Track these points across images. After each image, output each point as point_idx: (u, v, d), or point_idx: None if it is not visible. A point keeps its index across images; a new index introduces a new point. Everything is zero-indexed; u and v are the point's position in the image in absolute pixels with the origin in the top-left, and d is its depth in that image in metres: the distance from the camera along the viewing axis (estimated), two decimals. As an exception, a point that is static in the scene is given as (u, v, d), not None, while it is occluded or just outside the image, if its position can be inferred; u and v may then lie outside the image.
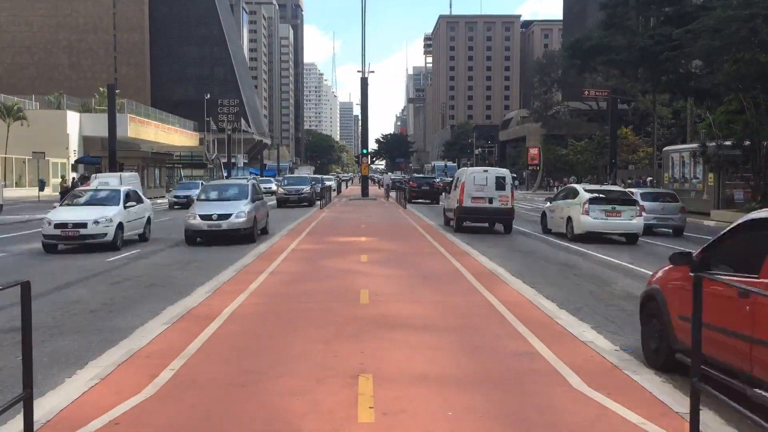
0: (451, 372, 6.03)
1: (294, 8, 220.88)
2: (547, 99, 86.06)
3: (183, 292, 10.24)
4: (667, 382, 5.87)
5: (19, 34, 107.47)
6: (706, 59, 31.10)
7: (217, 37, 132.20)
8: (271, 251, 15.23)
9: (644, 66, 37.52)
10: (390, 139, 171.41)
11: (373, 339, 7.18)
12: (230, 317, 8.25)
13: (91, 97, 71.63)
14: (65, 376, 6.04)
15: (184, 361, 6.31)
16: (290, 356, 6.50)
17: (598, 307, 9.63)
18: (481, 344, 7.07)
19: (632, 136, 62.31)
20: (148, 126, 67.44)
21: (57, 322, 8.53)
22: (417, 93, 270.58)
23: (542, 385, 5.66)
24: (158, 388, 5.50)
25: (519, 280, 11.34)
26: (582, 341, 7.17)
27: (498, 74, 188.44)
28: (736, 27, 24.60)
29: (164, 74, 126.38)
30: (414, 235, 19.63)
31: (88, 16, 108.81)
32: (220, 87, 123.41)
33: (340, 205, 37.47)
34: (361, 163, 51.19)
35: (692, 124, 42.47)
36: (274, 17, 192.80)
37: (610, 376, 5.92)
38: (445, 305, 9.15)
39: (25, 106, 57.41)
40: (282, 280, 11.18)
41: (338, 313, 8.48)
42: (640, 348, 6.90)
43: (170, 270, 13.20)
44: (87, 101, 69.39)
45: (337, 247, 16.40)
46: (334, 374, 5.88)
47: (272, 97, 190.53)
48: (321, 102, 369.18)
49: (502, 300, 9.40)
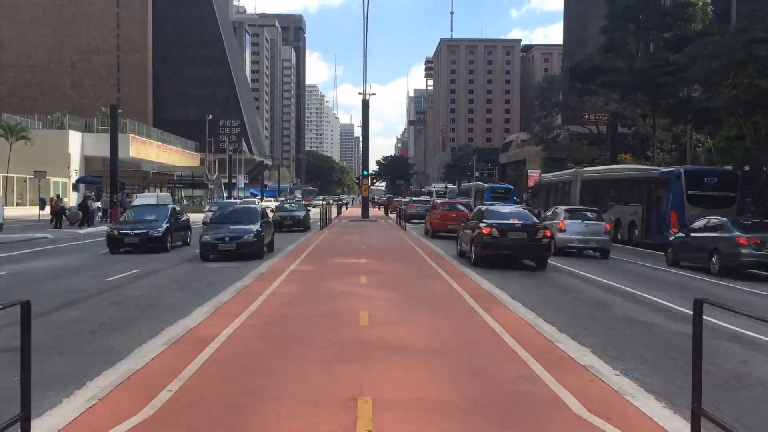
0: (451, 396, 6.00)
1: (296, 31, 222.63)
2: (548, 122, 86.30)
3: (182, 313, 10.21)
4: (667, 407, 5.85)
5: (22, 54, 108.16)
6: (704, 83, 31.34)
7: (220, 58, 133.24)
8: (270, 272, 15.22)
9: (644, 90, 37.80)
10: (391, 161, 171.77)
11: (372, 361, 7.15)
12: (229, 339, 8.23)
13: (93, 116, 71.93)
14: (63, 397, 6.00)
15: (182, 382, 6.28)
16: (289, 378, 6.48)
17: (597, 330, 9.61)
18: (481, 367, 7.05)
19: (632, 160, 62.41)
20: (150, 146, 67.63)
21: (56, 342, 8.50)
22: (418, 115, 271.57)
23: (542, 410, 5.64)
24: (156, 410, 5.47)
25: (518, 303, 11.31)
26: (581, 365, 7.15)
27: (498, 97, 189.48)
28: (734, 51, 24.83)
29: (166, 95, 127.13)
30: (413, 257, 19.62)
31: (92, 37, 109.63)
32: (221, 108, 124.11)
33: (341, 227, 37.49)
34: (361, 184, 51.33)
35: (692, 148, 42.64)
36: (276, 39, 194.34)
37: (610, 401, 5.89)
38: (444, 328, 9.12)
39: (28, 125, 57.63)
40: (281, 302, 11.16)
41: (337, 335, 8.46)
42: (642, 374, 6.86)
43: (170, 290, 13.18)
44: (89, 121, 69.66)
45: (337, 268, 16.39)
46: (332, 397, 5.85)
47: (273, 118, 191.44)
48: (322, 123, 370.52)
49: (501, 322, 9.38)
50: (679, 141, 51.97)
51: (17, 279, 14.80)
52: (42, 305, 10.89)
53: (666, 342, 9.09)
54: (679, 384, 6.69)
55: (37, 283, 13.94)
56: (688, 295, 12.44)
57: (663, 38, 38.74)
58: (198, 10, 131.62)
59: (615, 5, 39.82)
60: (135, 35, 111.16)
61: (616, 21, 39.82)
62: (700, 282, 15.99)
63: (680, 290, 14.15)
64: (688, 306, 9.94)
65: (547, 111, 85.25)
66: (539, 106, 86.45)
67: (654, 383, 6.81)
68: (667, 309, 11.74)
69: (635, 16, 39.00)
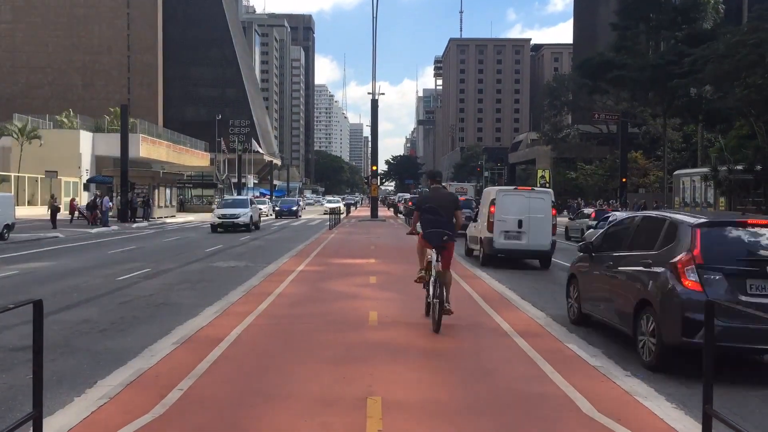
0: (460, 395, 5.99)
1: (305, 30, 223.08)
2: (557, 122, 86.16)
3: (192, 313, 10.25)
4: (678, 408, 5.82)
5: (34, 55, 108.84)
6: (715, 83, 31.17)
7: (230, 58, 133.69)
8: (279, 272, 15.25)
9: (655, 89, 37.64)
10: (400, 160, 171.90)
11: (382, 361, 7.15)
12: (239, 338, 8.25)
13: (104, 117, 72.34)
14: (74, 395, 6.04)
15: (192, 381, 6.30)
16: (299, 378, 6.49)
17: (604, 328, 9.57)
18: (490, 368, 7.04)
19: (642, 160, 62.20)
20: (160, 146, 67.96)
21: (67, 341, 8.55)
22: (427, 115, 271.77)
23: (552, 410, 5.62)
24: (166, 408, 5.49)
25: (528, 303, 11.28)
26: (591, 365, 7.12)
27: (508, 97, 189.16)
28: (745, 52, 24.69)
29: (176, 95, 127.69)
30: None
31: (103, 38, 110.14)
32: (231, 108, 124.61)
33: (350, 226, 37.51)
34: (370, 184, 51.36)
35: (703, 148, 42.44)
36: (286, 39, 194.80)
37: (620, 402, 5.87)
38: (454, 328, 9.11)
39: (39, 126, 57.99)
40: (290, 302, 11.18)
41: (346, 335, 8.46)
42: (649, 374, 6.85)
43: (179, 290, 13.23)
44: (100, 121, 70.07)
45: (346, 268, 16.39)
46: (342, 397, 5.85)
47: (283, 118, 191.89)
48: (331, 123, 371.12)
49: (510, 322, 9.37)
50: (690, 140, 51.75)
51: (28, 278, 14.91)
52: (53, 304, 10.96)
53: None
54: (690, 385, 6.66)
55: (48, 283, 14.03)
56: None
57: (674, 36, 38.54)
58: (208, 11, 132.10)
59: (626, 2, 39.67)
60: (145, 36, 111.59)
61: (627, 19, 39.67)
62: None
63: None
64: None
65: (557, 110, 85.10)
66: (549, 105, 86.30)
67: (665, 384, 6.78)
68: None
69: (646, 14, 38.82)
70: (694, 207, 33.40)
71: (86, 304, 11.40)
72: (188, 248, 23.17)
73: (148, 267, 16.95)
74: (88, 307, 11.10)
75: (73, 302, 11.54)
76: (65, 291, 12.79)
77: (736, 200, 30.50)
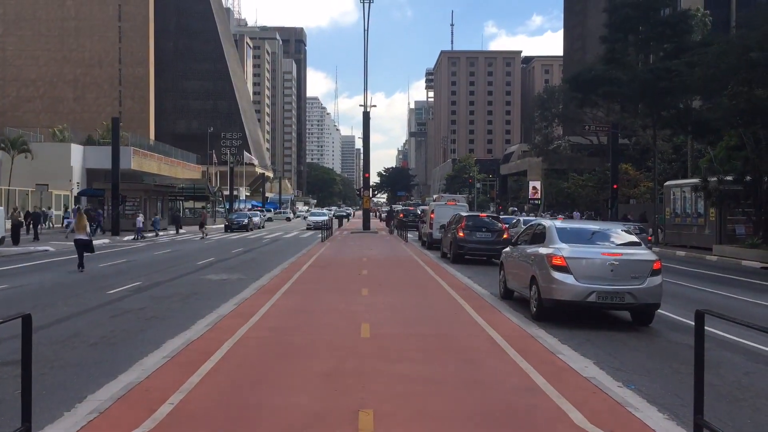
0: (453, 407, 5.99)
1: (297, 43, 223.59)
2: (548, 133, 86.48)
3: (183, 326, 10.21)
4: (670, 419, 5.83)
5: (25, 68, 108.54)
6: (703, 91, 31.39)
7: (221, 71, 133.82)
8: (271, 284, 15.22)
9: (644, 101, 37.85)
10: (392, 172, 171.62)
11: (374, 373, 7.14)
12: (230, 351, 8.22)
13: (95, 130, 72.14)
14: (64, 410, 5.99)
15: (183, 395, 6.27)
16: (290, 390, 6.46)
17: (599, 341, 9.59)
18: (483, 379, 7.03)
19: (633, 171, 62.49)
20: (151, 159, 67.74)
21: (57, 355, 8.49)
22: (419, 127, 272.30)
23: (544, 422, 5.62)
24: (157, 423, 5.46)
25: (519, 314, 11.30)
26: (584, 377, 7.13)
27: (499, 109, 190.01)
28: (734, 59, 24.88)
29: (168, 108, 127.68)
30: (415, 269, 19.61)
31: (94, 51, 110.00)
32: (223, 120, 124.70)
33: (342, 239, 37.50)
34: (362, 196, 51.41)
35: (693, 159, 42.68)
36: (277, 52, 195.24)
37: (612, 413, 5.88)
38: (445, 339, 9.11)
39: (30, 138, 57.75)
40: (282, 314, 11.15)
41: (339, 347, 8.45)
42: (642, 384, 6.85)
43: (171, 303, 13.17)
44: (91, 134, 69.84)
45: (338, 280, 16.38)
46: (334, 409, 5.84)
47: (275, 131, 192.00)
48: (323, 135, 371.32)
49: (502, 334, 9.37)
50: (680, 151, 52.03)
51: (18, 292, 14.80)
52: (42, 318, 10.89)
53: (668, 352, 9.07)
54: (682, 395, 6.67)
55: (37, 297, 13.93)
56: (690, 306, 12.41)
57: (663, 49, 38.82)
58: (199, 24, 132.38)
59: (614, 16, 39.95)
60: (137, 49, 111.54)
61: (616, 32, 39.93)
62: (705, 293, 15.94)
63: (684, 301, 14.12)
64: (689, 316, 9.92)
65: (548, 122, 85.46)
66: (540, 117, 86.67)
67: (657, 395, 6.80)
68: (668, 320, 11.71)
69: (635, 27, 39.09)
70: (685, 218, 33.55)
71: (76, 318, 11.32)
72: (180, 261, 23.09)
73: (139, 281, 16.87)
74: (78, 321, 11.03)
75: (63, 316, 11.46)
76: (55, 305, 12.71)
77: (727, 211, 30.64)
